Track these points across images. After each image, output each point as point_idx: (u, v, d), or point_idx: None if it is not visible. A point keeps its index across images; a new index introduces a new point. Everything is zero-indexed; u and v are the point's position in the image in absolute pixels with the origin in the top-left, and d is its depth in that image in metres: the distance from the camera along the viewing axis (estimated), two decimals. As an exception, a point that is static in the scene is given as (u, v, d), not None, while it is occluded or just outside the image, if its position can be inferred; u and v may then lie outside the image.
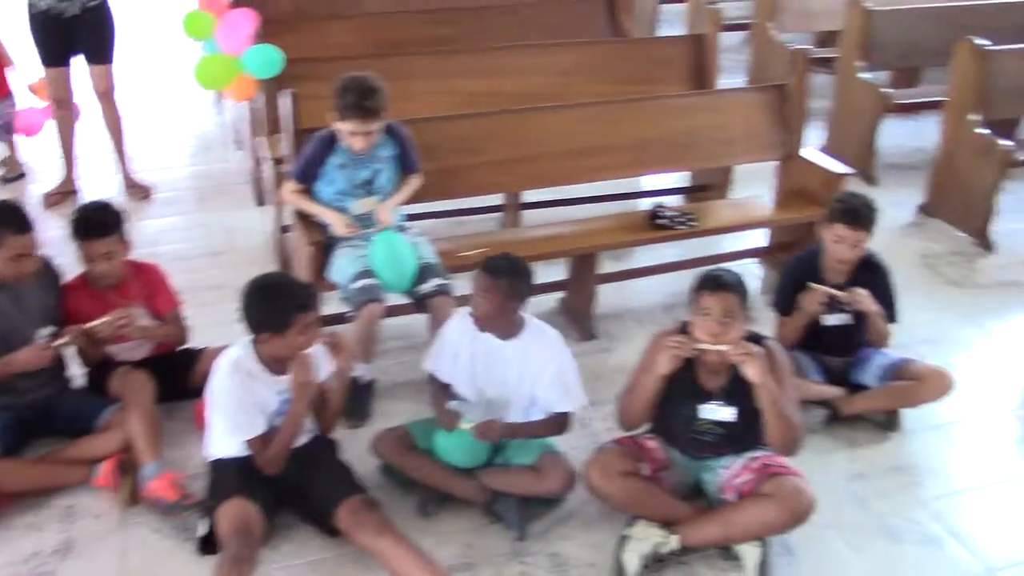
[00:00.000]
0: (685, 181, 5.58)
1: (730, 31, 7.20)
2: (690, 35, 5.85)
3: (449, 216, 4.99)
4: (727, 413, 3.07)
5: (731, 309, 2.95)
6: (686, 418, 3.11)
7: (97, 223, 3.44)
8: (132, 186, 5.65)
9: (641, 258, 4.78)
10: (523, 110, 4.44)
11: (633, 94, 4.83)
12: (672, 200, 5.10)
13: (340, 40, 5.31)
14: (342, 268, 3.71)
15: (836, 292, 3.62)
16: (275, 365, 3.05)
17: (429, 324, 3.67)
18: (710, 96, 4.93)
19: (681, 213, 4.41)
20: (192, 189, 5.80)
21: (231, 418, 3.02)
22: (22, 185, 5.78)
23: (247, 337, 3.04)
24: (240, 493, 2.95)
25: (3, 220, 3.23)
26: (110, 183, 5.69)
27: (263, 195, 5.40)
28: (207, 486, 3.12)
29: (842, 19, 6.23)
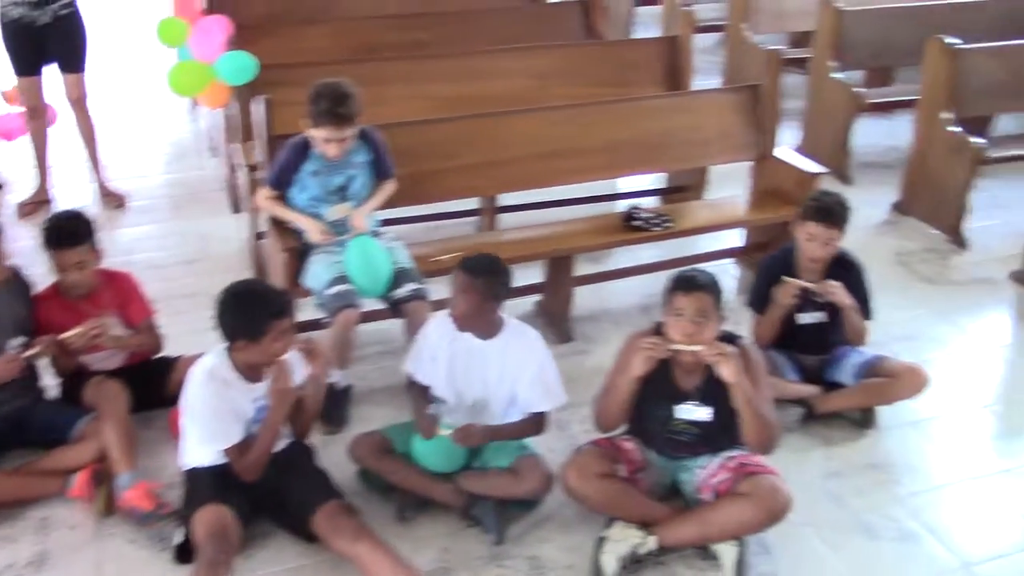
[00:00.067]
0: (661, 183, 5.58)
1: (704, 33, 7.22)
2: (664, 37, 5.84)
3: (425, 220, 4.97)
4: (703, 413, 3.08)
5: (705, 309, 2.96)
6: (662, 419, 3.11)
7: (68, 232, 3.42)
8: (107, 195, 5.62)
9: (618, 260, 4.79)
10: (498, 114, 4.44)
11: (608, 96, 4.84)
12: (648, 202, 5.11)
13: (315, 45, 5.29)
14: (317, 274, 3.69)
15: (809, 284, 3.65)
16: (250, 373, 3.04)
17: (405, 329, 3.67)
18: (684, 97, 4.94)
19: (656, 214, 4.42)
20: (167, 197, 5.77)
21: (206, 427, 3.00)
22: (-1, 195, 5.74)
23: (221, 345, 3.03)
24: (215, 500, 2.94)
25: None
26: (84, 192, 5.65)
27: (238, 202, 5.36)
28: (182, 495, 3.10)
29: (815, 20, 6.26)
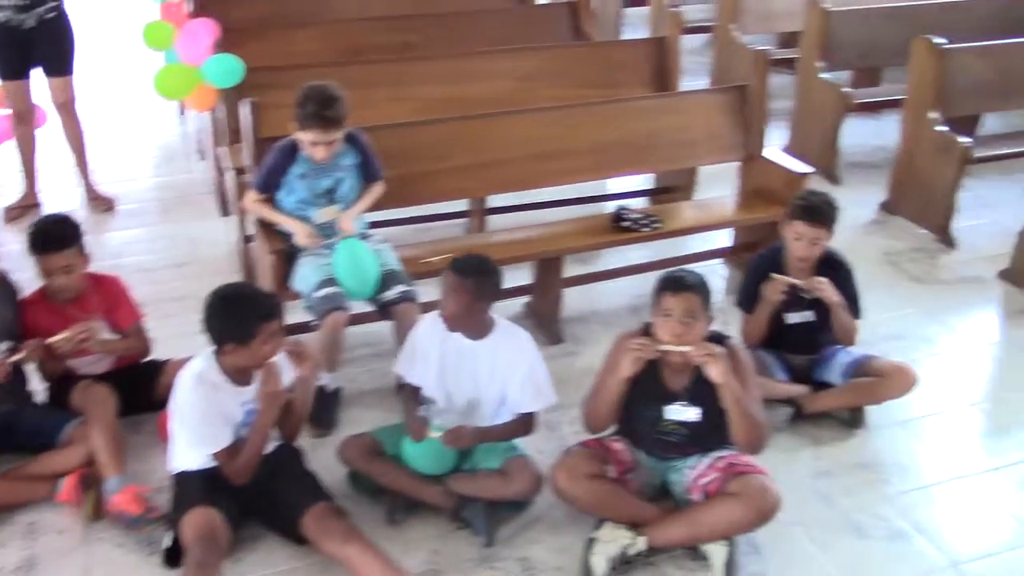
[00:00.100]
0: (650, 183, 5.59)
1: (692, 33, 7.25)
2: (652, 38, 5.85)
3: (415, 223, 4.96)
4: (692, 413, 3.08)
5: (693, 309, 2.96)
6: (651, 419, 3.11)
7: (55, 236, 3.41)
8: (95, 198, 5.60)
9: (607, 261, 4.79)
10: (487, 115, 4.44)
11: (596, 97, 4.85)
12: (637, 202, 5.11)
13: (303, 48, 5.29)
14: (305, 277, 3.69)
15: (796, 281, 3.65)
16: (238, 376, 3.04)
17: (394, 331, 3.66)
18: (672, 98, 4.95)
19: (645, 215, 4.42)
20: (156, 200, 5.75)
21: (195, 431, 3.00)
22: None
23: (208, 349, 3.02)
24: (204, 502, 2.93)
25: None
26: (72, 196, 5.63)
27: (227, 205, 5.36)
28: (171, 499, 3.09)
29: (802, 20, 6.27)
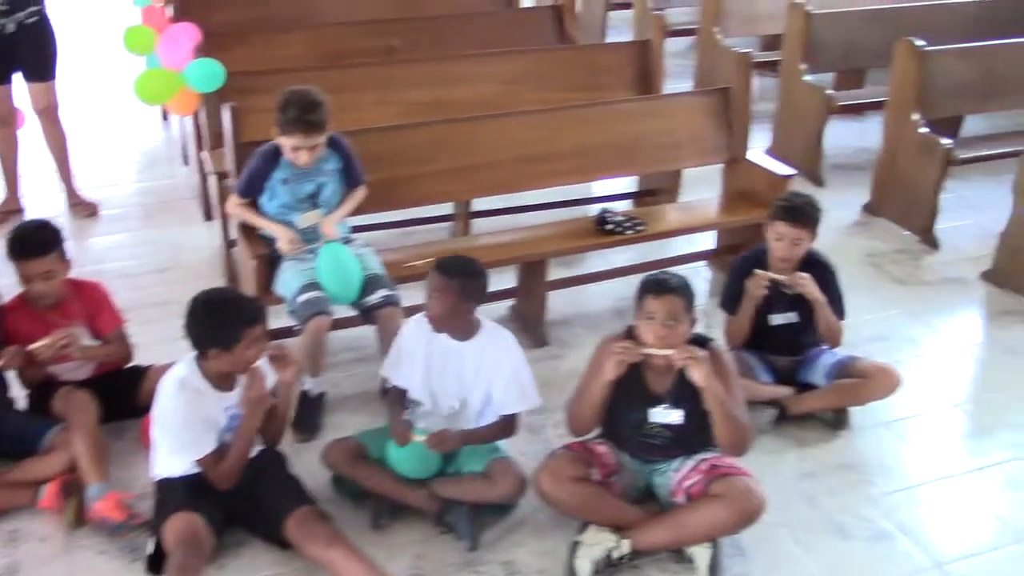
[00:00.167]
0: (634, 186, 5.60)
1: (676, 37, 7.25)
2: (636, 41, 5.85)
3: (399, 226, 4.96)
4: (675, 416, 3.08)
5: (675, 312, 2.96)
6: (635, 422, 3.11)
7: (35, 242, 3.39)
8: (77, 204, 5.57)
9: (591, 264, 4.79)
10: (471, 119, 4.44)
11: (581, 100, 4.85)
12: (621, 205, 5.12)
13: (287, 52, 5.27)
14: (288, 281, 3.68)
15: (778, 276, 3.65)
16: (221, 381, 3.03)
17: (377, 335, 3.66)
18: (656, 101, 4.95)
19: (628, 218, 4.42)
20: (138, 205, 5.72)
21: (178, 437, 2.98)
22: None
23: (191, 354, 3.01)
24: (187, 508, 2.92)
25: None
26: (55, 201, 5.60)
27: (210, 210, 5.34)
28: (154, 505, 3.07)
29: (785, 23, 6.29)
